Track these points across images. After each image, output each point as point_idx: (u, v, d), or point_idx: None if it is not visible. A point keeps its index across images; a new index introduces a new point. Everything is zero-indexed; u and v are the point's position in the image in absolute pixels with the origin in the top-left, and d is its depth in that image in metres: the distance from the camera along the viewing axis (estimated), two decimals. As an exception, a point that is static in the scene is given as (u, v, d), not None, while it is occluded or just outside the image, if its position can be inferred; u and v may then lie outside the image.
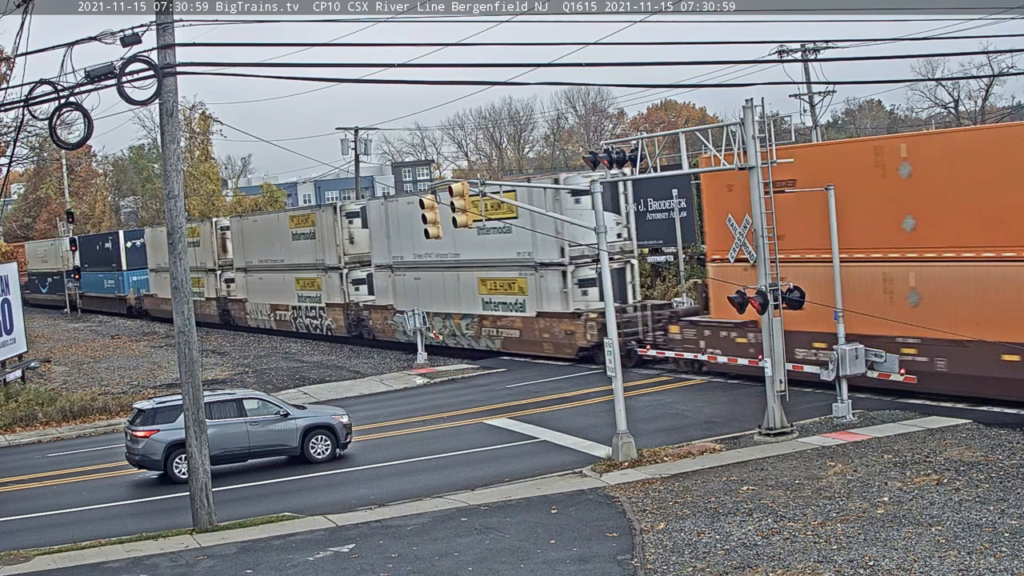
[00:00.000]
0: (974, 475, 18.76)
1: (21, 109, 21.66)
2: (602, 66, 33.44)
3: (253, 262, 56.93)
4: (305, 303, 52.03)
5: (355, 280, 48.68)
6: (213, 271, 62.06)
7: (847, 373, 24.17)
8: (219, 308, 61.56)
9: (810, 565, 14.88)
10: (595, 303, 34.74)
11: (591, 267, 35.23)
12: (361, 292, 48.52)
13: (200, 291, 62.47)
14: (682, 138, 24.99)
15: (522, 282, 37.66)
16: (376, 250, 45.82)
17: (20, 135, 47.98)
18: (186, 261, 20.29)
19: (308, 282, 51.47)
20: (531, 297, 37.41)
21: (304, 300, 52.19)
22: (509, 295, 38.50)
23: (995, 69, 58.90)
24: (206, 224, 63.37)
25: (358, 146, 68.53)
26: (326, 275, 49.64)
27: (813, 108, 54.16)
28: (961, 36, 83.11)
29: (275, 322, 55.30)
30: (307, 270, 51.37)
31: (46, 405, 35.27)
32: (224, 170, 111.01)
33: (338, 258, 48.79)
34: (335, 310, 49.40)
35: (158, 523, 20.99)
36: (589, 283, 35.66)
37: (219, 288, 61.63)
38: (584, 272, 35.88)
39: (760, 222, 23.33)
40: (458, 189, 23.73)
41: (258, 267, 56.53)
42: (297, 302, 52.74)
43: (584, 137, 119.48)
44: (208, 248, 62.28)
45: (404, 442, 27.12)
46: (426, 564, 16.53)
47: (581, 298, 35.89)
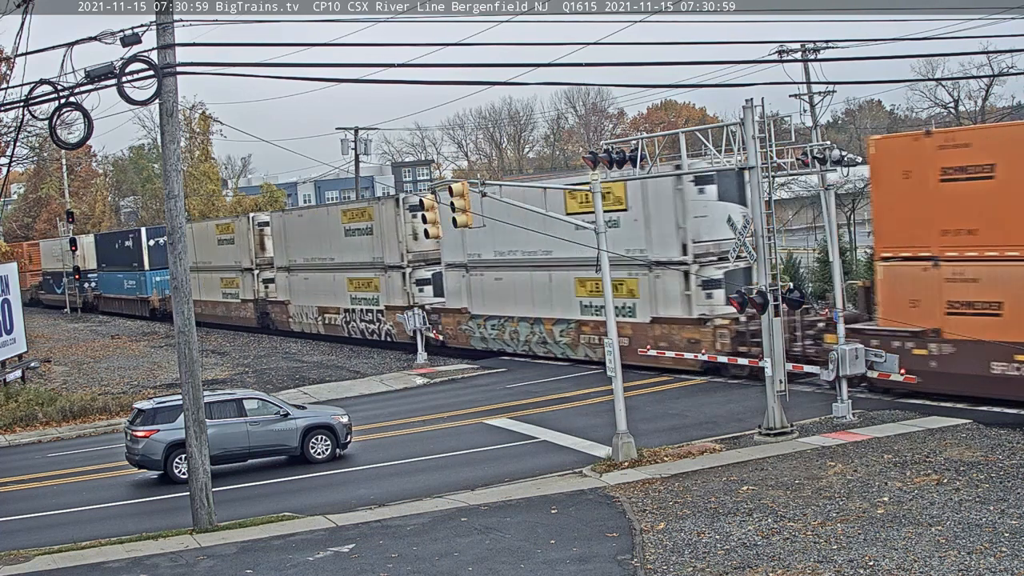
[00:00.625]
0: (974, 475, 18.76)
1: (21, 109, 21.65)
2: (602, 66, 33.35)
3: (297, 261, 52.14)
4: (360, 305, 47.30)
5: (419, 280, 44.10)
6: (250, 271, 57.38)
7: (847, 373, 24.17)
8: (257, 311, 56.98)
9: (810, 565, 14.88)
10: (721, 307, 30.79)
11: (717, 266, 31.32)
12: (426, 293, 43.87)
13: (234, 292, 59.41)
14: (682, 138, 25.01)
15: (632, 283, 33.05)
16: (447, 247, 40.76)
17: (20, 135, 47.93)
18: (186, 261, 20.28)
19: (363, 283, 46.85)
20: (643, 300, 33.03)
21: (359, 302, 47.42)
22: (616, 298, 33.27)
23: (995, 69, 58.87)
24: (242, 220, 59.00)
25: (358, 146, 68.54)
26: (385, 275, 44.98)
27: (813, 108, 54.11)
28: (961, 36, 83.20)
29: (323, 326, 50.19)
30: (363, 269, 46.54)
31: (46, 405, 35.27)
32: (224, 170, 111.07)
33: (400, 256, 43.81)
34: (397, 313, 44.12)
35: (158, 523, 20.98)
36: (714, 285, 31.44)
37: (256, 289, 56.93)
38: (709, 272, 31.48)
39: (760, 222, 23.33)
40: (458, 189, 23.72)
41: (303, 266, 51.68)
42: (350, 304, 47.91)
43: (584, 137, 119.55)
44: (244, 246, 57.68)
45: (404, 442, 27.12)
46: (426, 564, 16.53)
47: (705, 302, 31.38)
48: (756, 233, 23.55)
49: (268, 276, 55.91)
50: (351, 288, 47.83)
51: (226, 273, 60.26)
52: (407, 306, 42.98)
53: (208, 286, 62.32)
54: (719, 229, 30.06)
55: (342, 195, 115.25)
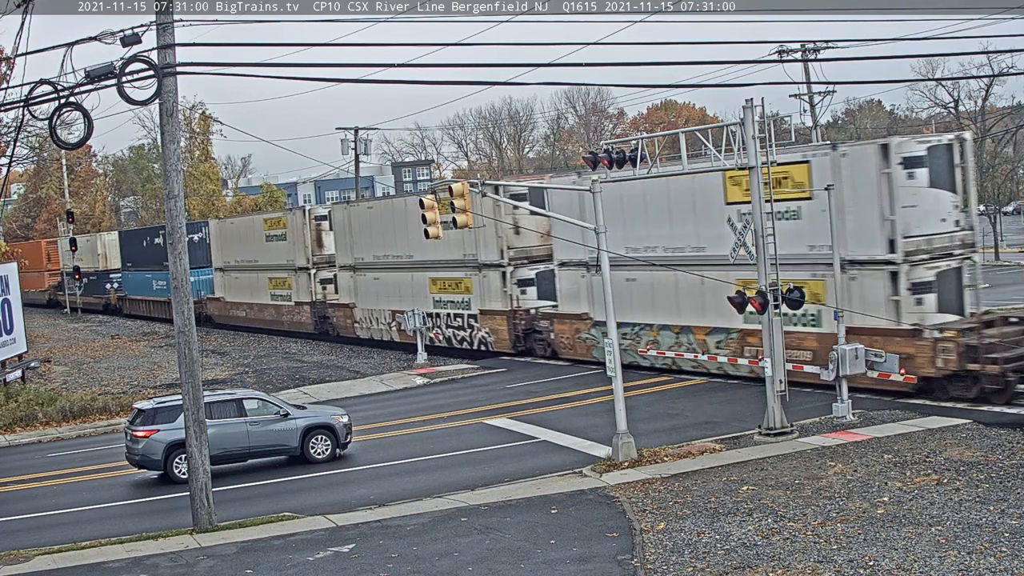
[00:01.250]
0: (974, 475, 18.76)
1: (21, 109, 21.66)
2: (602, 66, 33.38)
3: (365, 258, 46.68)
4: (446, 309, 42.24)
5: (521, 280, 38.98)
6: (305, 270, 52.00)
7: (847, 373, 24.16)
8: (314, 315, 51.66)
9: (810, 565, 14.88)
10: (933, 315, 26.27)
11: (929, 266, 26.55)
12: (529, 296, 38.79)
13: (285, 294, 53.84)
14: (682, 138, 24.98)
15: (816, 286, 27.31)
16: (561, 242, 35.51)
17: (20, 135, 47.95)
18: (186, 261, 20.32)
19: (451, 283, 41.79)
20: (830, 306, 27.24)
21: (444, 306, 42.35)
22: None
23: (995, 69, 58.90)
24: (296, 215, 53.69)
25: (358, 146, 68.57)
26: (480, 274, 39.95)
27: (813, 108, 54.22)
28: (961, 36, 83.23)
29: (398, 332, 44.24)
30: (450, 268, 41.27)
31: (46, 405, 35.27)
32: (224, 170, 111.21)
33: (499, 252, 38.59)
34: (495, 318, 39.49)
35: (158, 523, 20.98)
36: (924, 288, 26.47)
37: (313, 290, 51.62)
38: (920, 273, 26.46)
39: (760, 222, 23.32)
40: (458, 189, 23.72)
41: (373, 264, 46.27)
42: (433, 308, 42.80)
43: (584, 137, 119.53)
44: (298, 243, 52.10)
45: (404, 442, 27.12)
46: (426, 564, 16.53)
47: (915, 308, 26.32)
48: (756, 233, 23.54)
49: (327, 276, 50.94)
50: (434, 289, 42.77)
51: (276, 273, 54.92)
52: (510, 311, 38.55)
53: (253, 287, 57.54)
54: (930, 221, 26.52)
55: (342, 195, 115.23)
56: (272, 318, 55.36)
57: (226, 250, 60.10)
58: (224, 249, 60.38)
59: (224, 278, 60.80)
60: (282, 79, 41.91)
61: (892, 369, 24.82)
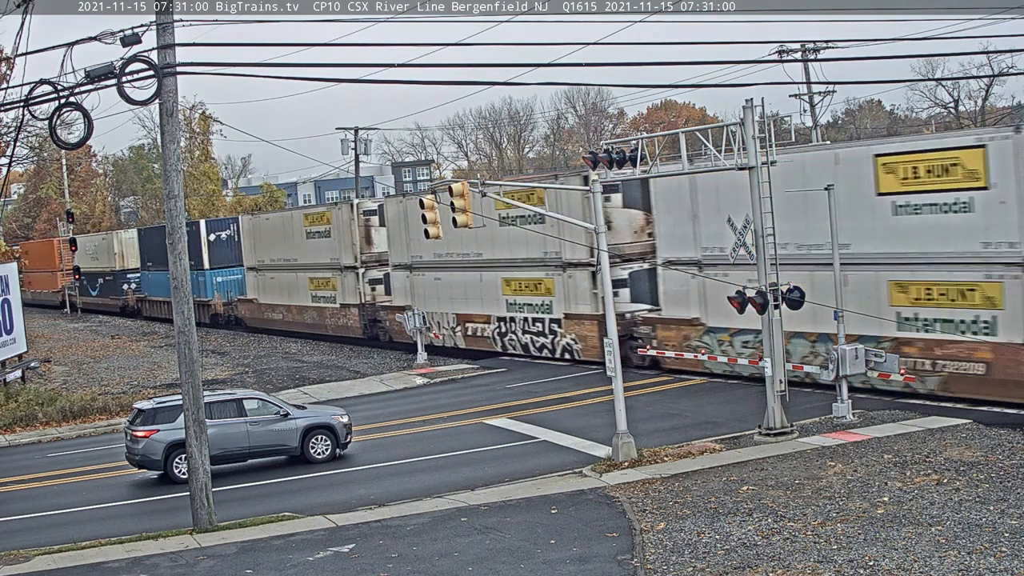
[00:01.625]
0: (974, 475, 18.75)
1: (21, 109, 21.68)
2: (602, 66, 33.37)
3: (424, 257, 42.72)
4: (522, 313, 38.37)
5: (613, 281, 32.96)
6: (352, 270, 47.83)
7: (847, 373, 24.16)
8: (364, 318, 47.45)
9: (810, 565, 14.88)
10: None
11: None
12: (621, 298, 33.70)
13: (329, 295, 49.83)
14: (682, 138, 24.96)
15: (991, 289, 24.21)
16: (666, 238, 32.07)
17: (20, 135, 47.98)
18: (186, 261, 20.30)
19: (529, 284, 37.86)
20: (1009, 313, 23.91)
21: (520, 309, 38.50)
22: (959, 308, 24.74)
23: (995, 69, 58.94)
24: (342, 210, 49.05)
25: (358, 146, 68.59)
26: (564, 274, 36.01)
27: (813, 108, 54.23)
28: (961, 36, 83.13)
29: (465, 338, 41.03)
30: (527, 267, 37.56)
31: (46, 405, 35.28)
32: (224, 170, 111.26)
33: (589, 250, 34.10)
34: (582, 324, 35.64)
35: (158, 523, 20.99)
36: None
37: (362, 292, 47.50)
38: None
39: (760, 222, 23.32)
40: (458, 189, 23.73)
41: (433, 264, 42.31)
42: (506, 311, 38.96)
43: (584, 137, 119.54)
44: (344, 240, 47.83)
45: (404, 442, 27.13)
46: (426, 564, 16.53)
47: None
48: (756, 233, 23.54)
49: (376, 276, 47.15)
50: (508, 291, 38.81)
51: (318, 272, 50.85)
52: (597, 315, 33.37)
53: (291, 288, 53.50)
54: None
55: (342, 195, 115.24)
56: (313, 321, 51.05)
57: (260, 248, 55.70)
58: (258, 247, 56.02)
59: (257, 278, 56.56)
60: (282, 79, 41.86)
61: (892, 369, 24.79)
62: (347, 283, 48.36)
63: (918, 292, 25.84)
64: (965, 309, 24.78)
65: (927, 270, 25.50)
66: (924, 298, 25.67)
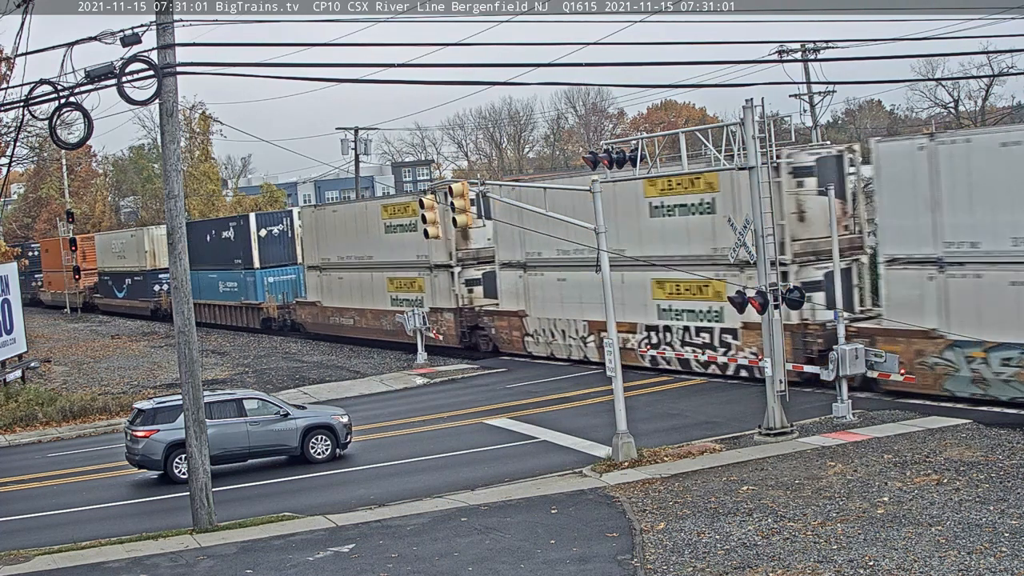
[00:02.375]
0: (974, 475, 18.76)
1: (21, 109, 21.67)
2: (602, 66, 33.32)
3: (543, 253, 36.44)
4: (680, 321, 31.64)
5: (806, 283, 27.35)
6: (446, 268, 41.47)
7: (847, 373, 24.16)
8: (460, 324, 41.26)
9: (810, 565, 14.89)
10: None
11: None
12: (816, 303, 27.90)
13: (415, 298, 43.37)
14: (682, 138, 24.96)
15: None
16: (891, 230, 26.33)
17: (20, 135, 47.95)
18: (186, 261, 20.28)
19: (692, 287, 31.07)
20: None
21: (678, 316, 31.65)
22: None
23: (995, 69, 58.95)
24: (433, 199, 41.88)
25: (358, 146, 68.53)
26: (743, 275, 28.22)
27: (813, 108, 54.17)
28: (961, 36, 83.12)
29: (599, 349, 33.24)
30: (689, 266, 29.94)
31: (46, 405, 35.29)
32: (224, 170, 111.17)
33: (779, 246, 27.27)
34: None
35: (158, 523, 20.99)
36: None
37: (459, 293, 41.39)
38: None
39: (760, 222, 23.31)
40: (458, 189, 23.73)
41: (555, 262, 35.90)
42: (657, 319, 32.35)
43: (584, 137, 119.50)
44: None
45: (404, 442, 27.13)
46: (426, 564, 16.53)
47: None
48: (756, 233, 23.53)
49: (473, 276, 41.41)
50: (662, 294, 32.18)
51: (400, 272, 44.63)
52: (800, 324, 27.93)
53: (364, 290, 47.11)
54: None
55: (342, 195, 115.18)
56: (394, 328, 43.29)
57: (324, 245, 49.30)
58: (321, 243, 49.63)
59: (321, 279, 50.21)
60: (282, 79, 41.86)
61: (892, 369, 24.78)
62: (439, 284, 41.98)
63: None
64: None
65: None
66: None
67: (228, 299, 57.86)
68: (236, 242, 56.34)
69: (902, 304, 26.13)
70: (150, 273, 67.03)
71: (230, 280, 57.36)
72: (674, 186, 30.69)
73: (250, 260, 54.80)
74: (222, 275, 58.42)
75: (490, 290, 40.61)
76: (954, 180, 24.42)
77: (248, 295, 55.45)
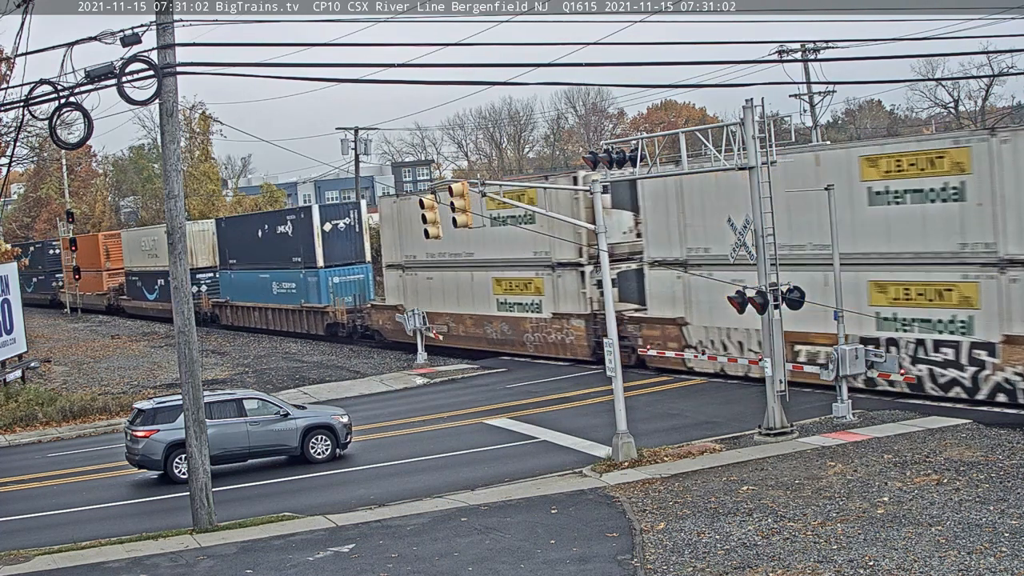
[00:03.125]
0: (974, 475, 18.76)
1: (21, 109, 21.67)
2: (602, 66, 33.16)
3: (711, 250, 30.58)
4: (911, 333, 26.08)
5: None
6: (574, 267, 35.82)
7: (847, 373, 24.16)
8: (594, 333, 35.06)
9: (810, 565, 14.88)
10: None
11: None
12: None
13: (530, 302, 37.97)
14: (682, 138, 24.96)
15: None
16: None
17: (20, 135, 47.94)
18: (186, 261, 20.28)
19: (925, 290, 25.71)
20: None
21: (908, 326, 26.13)
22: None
23: (995, 69, 58.96)
24: (561, 180, 36.80)
25: (358, 146, 68.52)
26: (1001, 276, 24.15)
27: (813, 108, 54.21)
28: (961, 36, 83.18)
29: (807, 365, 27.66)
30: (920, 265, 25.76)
31: (46, 405, 35.29)
32: (224, 170, 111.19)
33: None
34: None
35: (158, 523, 20.99)
36: None
37: (591, 296, 35.29)
38: None
39: (760, 222, 23.32)
40: (458, 189, 23.72)
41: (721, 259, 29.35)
42: (877, 329, 26.63)
43: (584, 137, 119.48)
44: (561, 226, 33.27)
45: (404, 442, 27.13)
46: (426, 564, 16.53)
47: None
48: (756, 233, 23.53)
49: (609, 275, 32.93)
50: (883, 299, 26.66)
51: (511, 271, 38.79)
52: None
53: (462, 292, 41.12)
54: None
55: (342, 195, 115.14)
56: (502, 336, 38.62)
57: (408, 240, 43.15)
58: (404, 239, 43.62)
59: (404, 279, 44.27)
60: (282, 79, 41.83)
61: (892, 369, 24.77)
62: (564, 285, 36.35)
63: None
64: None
65: None
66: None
67: (284, 302, 51.66)
68: (295, 238, 50.51)
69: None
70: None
71: (286, 280, 51.24)
72: (905, 168, 25.73)
73: (312, 258, 48.79)
74: (276, 275, 52.02)
75: (626, 292, 34.31)
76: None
77: (309, 297, 49.77)
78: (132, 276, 70.72)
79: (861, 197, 26.79)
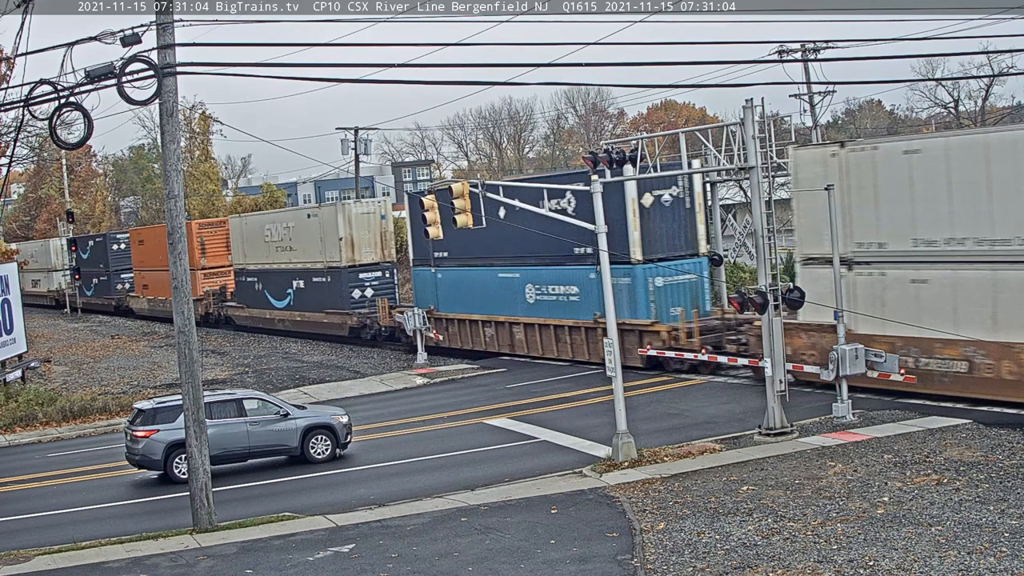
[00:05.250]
0: (974, 475, 18.76)
1: (21, 109, 21.67)
2: (602, 66, 33.18)
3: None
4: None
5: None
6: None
7: (847, 373, 24.15)
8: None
9: (810, 565, 14.88)
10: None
11: None
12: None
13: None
14: (682, 138, 25.00)
15: None
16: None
17: (20, 135, 47.95)
18: (186, 262, 20.27)
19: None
20: None
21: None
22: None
23: (995, 69, 58.90)
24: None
25: (358, 146, 68.47)
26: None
27: (813, 108, 54.17)
28: (961, 36, 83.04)
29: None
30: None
31: (46, 405, 35.29)
32: (224, 170, 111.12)
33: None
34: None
35: (158, 523, 20.99)
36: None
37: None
38: None
39: (760, 222, 23.32)
40: (457, 189, 23.72)
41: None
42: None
43: (584, 137, 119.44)
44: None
45: (404, 442, 27.12)
46: (426, 564, 16.53)
47: None
48: (756, 233, 23.54)
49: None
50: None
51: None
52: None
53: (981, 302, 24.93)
54: None
55: (342, 195, 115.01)
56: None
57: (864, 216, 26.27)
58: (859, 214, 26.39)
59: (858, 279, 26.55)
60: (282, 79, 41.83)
61: (892, 369, 24.78)
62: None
63: None
64: None
65: None
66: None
67: (551, 314, 36.23)
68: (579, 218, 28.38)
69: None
70: (345, 272, 46.47)
71: (558, 283, 35.94)
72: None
73: (626, 249, 32.26)
74: (552, 274, 36.15)
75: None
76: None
77: (624, 310, 32.33)
78: (247, 276, 55.13)
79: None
